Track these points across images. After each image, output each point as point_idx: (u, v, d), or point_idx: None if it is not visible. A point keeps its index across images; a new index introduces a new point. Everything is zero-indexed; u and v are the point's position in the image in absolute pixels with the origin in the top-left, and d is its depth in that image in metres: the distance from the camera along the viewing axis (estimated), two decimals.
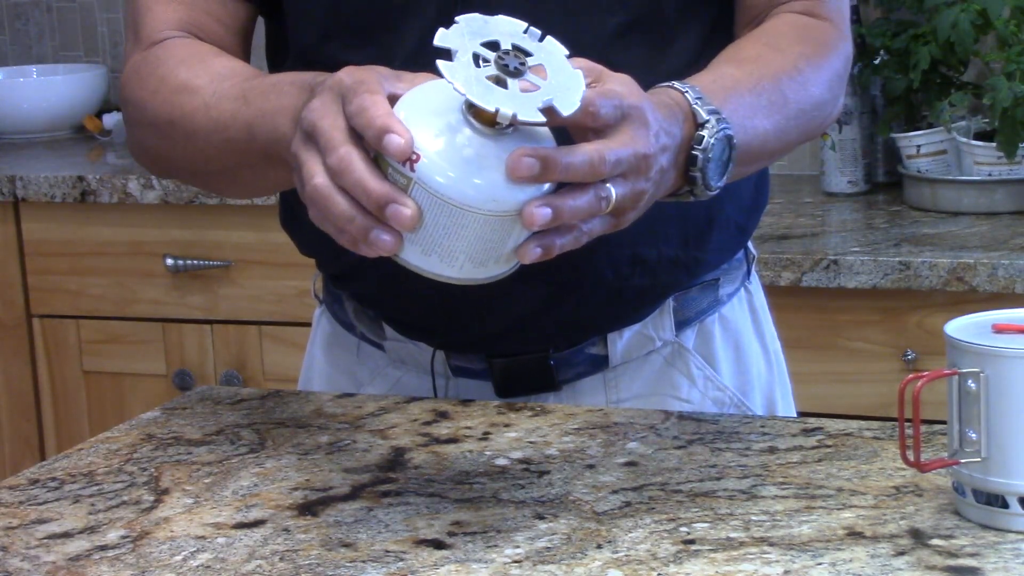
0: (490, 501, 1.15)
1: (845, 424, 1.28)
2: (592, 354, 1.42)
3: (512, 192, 1.04)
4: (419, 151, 1.04)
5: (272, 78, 1.27)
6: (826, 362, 2.29)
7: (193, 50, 1.35)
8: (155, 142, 1.36)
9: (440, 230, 1.05)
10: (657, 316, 1.42)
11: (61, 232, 2.84)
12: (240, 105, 1.25)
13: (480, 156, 1.04)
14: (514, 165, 1.04)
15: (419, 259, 1.07)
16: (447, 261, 1.07)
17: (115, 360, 2.86)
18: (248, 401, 1.42)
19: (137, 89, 1.36)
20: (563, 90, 1.05)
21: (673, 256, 1.39)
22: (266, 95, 1.23)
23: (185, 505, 1.18)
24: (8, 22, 3.53)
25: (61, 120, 3.26)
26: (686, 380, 1.43)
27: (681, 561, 1.04)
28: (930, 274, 2.20)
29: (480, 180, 1.04)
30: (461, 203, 1.04)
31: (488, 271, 1.08)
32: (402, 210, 1.05)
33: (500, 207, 1.05)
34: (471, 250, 1.06)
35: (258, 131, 1.22)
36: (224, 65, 1.32)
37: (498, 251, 1.07)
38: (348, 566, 1.06)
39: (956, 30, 2.42)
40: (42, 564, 1.09)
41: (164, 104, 1.32)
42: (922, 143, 2.55)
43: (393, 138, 1.04)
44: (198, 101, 1.29)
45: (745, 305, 1.49)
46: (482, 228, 1.05)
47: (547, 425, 1.31)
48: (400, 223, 1.05)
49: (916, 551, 1.04)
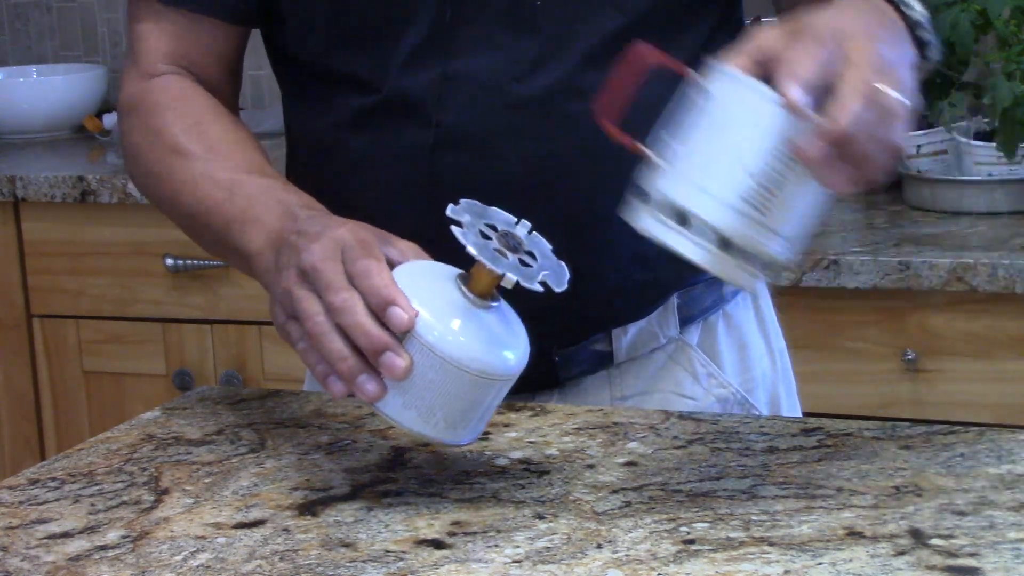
0: (490, 501, 1.16)
1: (845, 424, 1.29)
2: (597, 351, 1.42)
3: (500, 359, 1.13)
4: (417, 308, 1.11)
5: (262, 182, 1.30)
6: (826, 362, 2.29)
7: (190, 104, 1.39)
8: (146, 186, 1.42)
9: (425, 385, 1.12)
10: (662, 313, 1.43)
11: (61, 232, 2.84)
12: (224, 197, 1.30)
13: (471, 322, 1.12)
14: (811, 158, 1.03)
15: (397, 412, 1.13)
16: (424, 418, 1.13)
17: (115, 360, 2.86)
18: (248, 401, 1.42)
19: (133, 132, 1.41)
20: (554, 270, 1.15)
21: None
22: (250, 202, 1.28)
23: (185, 505, 1.18)
24: (8, 22, 3.53)
25: (61, 120, 3.27)
26: (690, 377, 1.44)
27: (681, 561, 1.04)
28: (930, 274, 2.20)
29: (469, 343, 1.12)
30: (454, 360, 1.11)
31: (456, 435, 1.15)
32: (397, 360, 1.10)
33: (487, 369, 1.12)
34: (449, 410, 1.13)
35: (233, 232, 1.28)
36: (219, 137, 1.36)
37: (471, 415, 1.14)
38: (348, 566, 1.06)
39: (956, 30, 2.42)
40: (42, 564, 1.09)
41: (157, 161, 1.37)
42: (922, 143, 2.55)
43: (397, 311, 1.10)
44: (187, 174, 1.34)
45: (749, 303, 1.50)
46: (465, 388, 1.12)
47: (547, 425, 1.31)
48: (392, 372, 1.11)
49: (916, 551, 1.04)
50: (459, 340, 1.11)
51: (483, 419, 1.16)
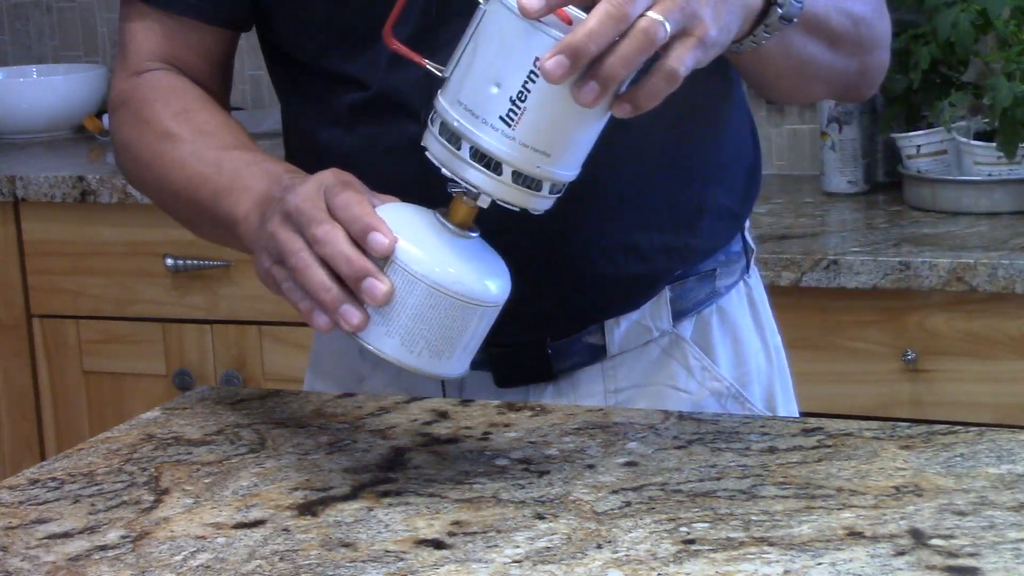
0: (490, 501, 1.16)
1: (845, 424, 1.29)
2: (590, 343, 1.43)
3: (480, 284, 1.14)
4: (397, 235, 1.13)
5: (249, 155, 1.32)
6: (826, 362, 2.29)
7: (178, 95, 1.41)
8: (137, 175, 1.43)
9: (407, 312, 1.12)
10: (654, 306, 1.43)
11: (61, 232, 2.84)
12: (213, 171, 1.32)
13: (450, 248, 1.14)
14: (549, 72, 1.06)
15: (379, 340, 1.14)
16: (407, 346, 1.13)
17: (115, 360, 2.86)
18: (248, 401, 1.42)
19: (124, 125, 1.43)
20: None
21: (665, 242, 1.41)
22: (238, 172, 1.30)
23: (185, 505, 1.18)
24: (8, 22, 3.53)
25: (61, 120, 3.27)
26: (684, 370, 1.45)
27: (681, 561, 1.04)
28: (930, 274, 2.21)
29: (448, 266, 1.13)
30: (433, 283, 1.12)
31: (441, 365, 1.15)
32: (378, 284, 1.12)
33: (468, 292, 1.13)
34: (432, 336, 1.13)
35: (221, 203, 1.30)
36: (206, 121, 1.38)
37: (455, 343, 1.14)
38: (348, 566, 1.06)
39: (956, 30, 2.42)
40: (42, 564, 1.09)
41: (147, 148, 1.39)
42: (922, 143, 2.55)
43: (377, 236, 1.12)
44: (176, 154, 1.36)
45: (744, 298, 1.50)
46: (447, 313, 1.13)
47: (547, 425, 1.31)
48: (373, 297, 1.12)
49: (916, 551, 1.04)
50: (438, 263, 1.13)
51: (467, 349, 1.16)
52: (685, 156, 1.41)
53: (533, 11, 1.07)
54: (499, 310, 1.16)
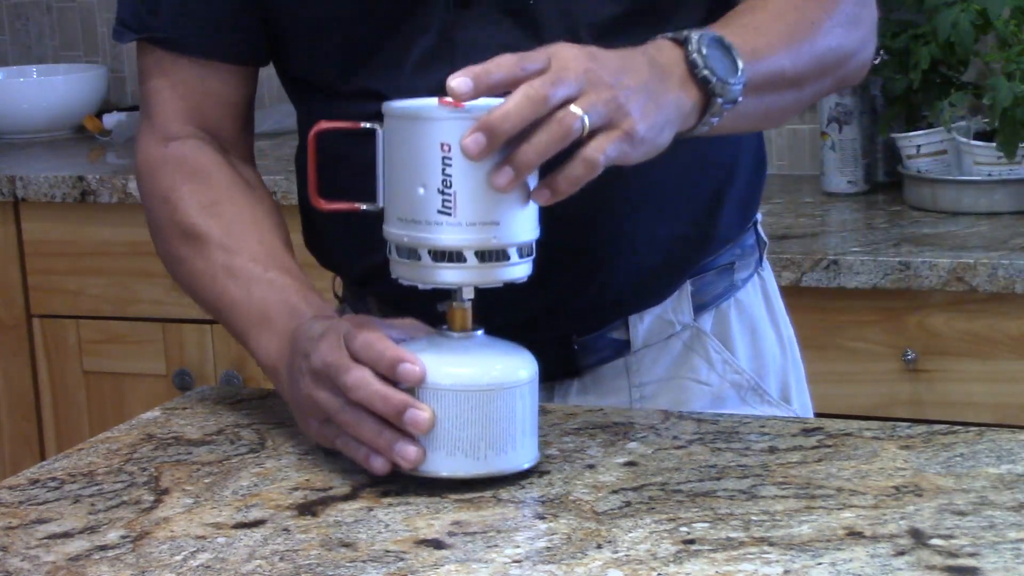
0: (490, 501, 1.16)
1: (845, 424, 1.29)
2: (614, 339, 1.44)
3: (505, 367, 1.17)
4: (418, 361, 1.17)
5: (276, 282, 1.34)
6: (826, 362, 2.29)
7: (206, 182, 1.41)
8: (165, 259, 1.44)
9: (455, 424, 1.16)
10: (676, 300, 1.45)
11: (61, 232, 2.84)
12: (243, 298, 1.34)
13: (463, 352, 1.18)
14: (467, 148, 1.11)
15: (442, 464, 1.16)
16: (471, 456, 1.16)
17: (115, 360, 2.86)
18: (248, 401, 1.42)
19: (152, 198, 1.44)
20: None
21: (685, 233, 1.43)
22: (266, 304, 1.33)
23: (185, 505, 1.18)
24: (8, 22, 3.53)
25: (61, 120, 3.27)
26: (705, 364, 1.46)
27: (681, 561, 1.04)
28: (930, 274, 2.20)
29: (474, 366, 1.17)
30: (465, 387, 1.16)
31: (510, 459, 1.17)
32: (419, 413, 1.15)
33: (498, 380, 1.17)
34: (488, 436, 1.16)
35: (248, 340, 1.33)
36: (234, 219, 1.39)
37: (511, 430, 1.17)
38: (348, 566, 1.06)
39: (956, 30, 2.42)
40: (42, 564, 1.09)
41: (175, 243, 1.40)
42: (922, 143, 2.55)
43: (406, 366, 1.15)
44: (203, 263, 1.37)
45: (759, 291, 1.53)
46: (490, 407, 1.16)
47: (547, 425, 1.31)
48: (418, 426, 1.15)
49: (916, 551, 1.04)
50: (460, 367, 1.16)
51: (527, 432, 1.18)
52: (703, 144, 1.42)
53: (463, 95, 1.11)
54: (535, 384, 1.19)
